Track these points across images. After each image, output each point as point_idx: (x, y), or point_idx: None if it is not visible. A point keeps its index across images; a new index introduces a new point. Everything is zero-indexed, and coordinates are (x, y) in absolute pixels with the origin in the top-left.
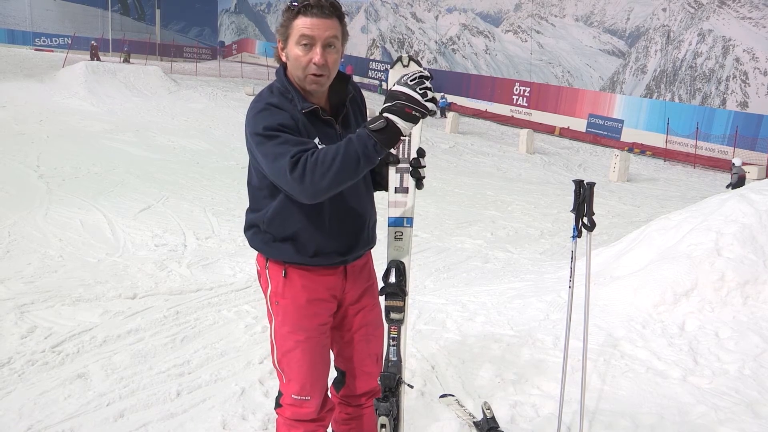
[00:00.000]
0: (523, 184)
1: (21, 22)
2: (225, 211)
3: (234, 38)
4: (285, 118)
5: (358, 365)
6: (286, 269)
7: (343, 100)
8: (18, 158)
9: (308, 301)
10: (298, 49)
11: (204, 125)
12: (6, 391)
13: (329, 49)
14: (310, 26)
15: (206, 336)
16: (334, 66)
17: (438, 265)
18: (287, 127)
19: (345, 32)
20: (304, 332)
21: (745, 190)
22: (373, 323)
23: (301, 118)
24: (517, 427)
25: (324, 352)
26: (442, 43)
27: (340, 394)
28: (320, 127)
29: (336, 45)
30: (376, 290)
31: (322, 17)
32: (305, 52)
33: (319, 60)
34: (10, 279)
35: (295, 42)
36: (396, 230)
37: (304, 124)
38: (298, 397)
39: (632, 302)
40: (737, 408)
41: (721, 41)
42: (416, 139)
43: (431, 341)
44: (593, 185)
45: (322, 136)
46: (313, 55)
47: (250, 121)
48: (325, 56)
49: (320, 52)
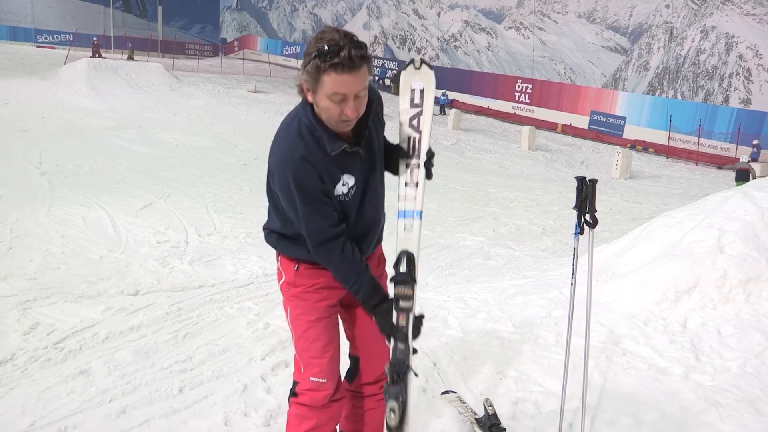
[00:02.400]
0: (525, 181)
1: (23, 19)
2: (227, 207)
3: (236, 35)
4: (313, 178)
5: (372, 349)
6: (298, 264)
7: (366, 121)
8: (20, 155)
9: (318, 288)
10: (329, 102)
11: (206, 122)
12: (9, 388)
13: (359, 97)
14: (343, 83)
15: (208, 333)
16: (362, 109)
17: (440, 261)
18: (315, 189)
19: (371, 71)
20: (316, 312)
21: (748, 188)
22: None
23: (328, 159)
24: (519, 423)
25: (336, 336)
26: (444, 39)
27: (353, 384)
28: (347, 160)
29: (365, 92)
30: (385, 280)
31: (354, 71)
32: (337, 105)
33: (352, 114)
34: (13, 276)
35: (327, 96)
36: (406, 222)
37: (331, 164)
38: (316, 379)
39: (634, 299)
40: (739, 405)
41: (725, 38)
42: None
43: (433, 338)
44: (595, 182)
45: (349, 167)
46: (345, 107)
47: (279, 164)
48: (356, 106)
49: (353, 106)
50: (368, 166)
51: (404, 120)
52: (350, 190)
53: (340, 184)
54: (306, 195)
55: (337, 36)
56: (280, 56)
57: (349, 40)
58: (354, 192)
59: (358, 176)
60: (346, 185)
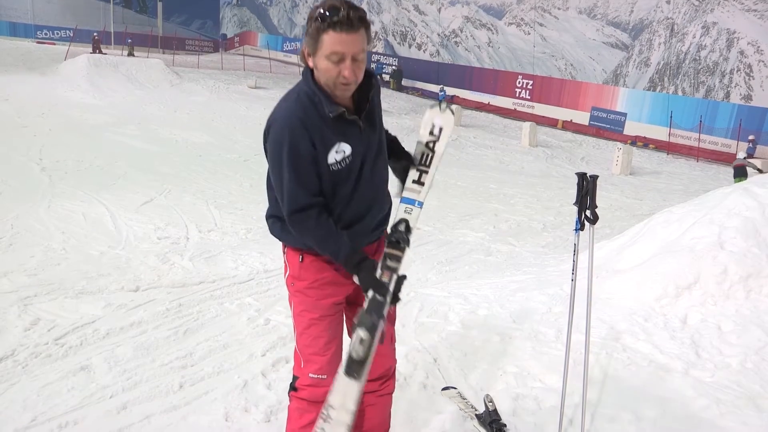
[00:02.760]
0: (525, 177)
1: (23, 15)
2: (227, 203)
3: (236, 31)
4: (305, 142)
5: None
6: (303, 255)
7: (367, 95)
8: (20, 151)
9: (323, 283)
10: (328, 63)
11: (206, 118)
12: (10, 383)
13: (357, 60)
14: (340, 42)
15: (209, 328)
16: (361, 73)
17: (440, 258)
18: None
19: (370, 37)
20: (319, 311)
21: (748, 184)
22: None
23: (325, 124)
24: (519, 419)
25: (338, 332)
26: (445, 35)
27: None
28: (345, 127)
29: (363, 56)
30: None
31: (352, 32)
32: (335, 65)
33: (349, 75)
34: (14, 272)
35: (325, 56)
36: (407, 207)
37: (327, 129)
38: (315, 376)
39: (635, 295)
40: (739, 401)
41: (726, 34)
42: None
43: (433, 334)
44: (596, 178)
45: (346, 135)
46: (343, 68)
47: (275, 126)
48: (353, 69)
49: (350, 66)
50: (367, 140)
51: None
52: (345, 159)
53: (333, 151)
54: (294, 158)
55: (337, 2)
56: (280, 52)
57: (348, 4)
58: (350, 163)
59: (356, 147)
60: (341, 153)
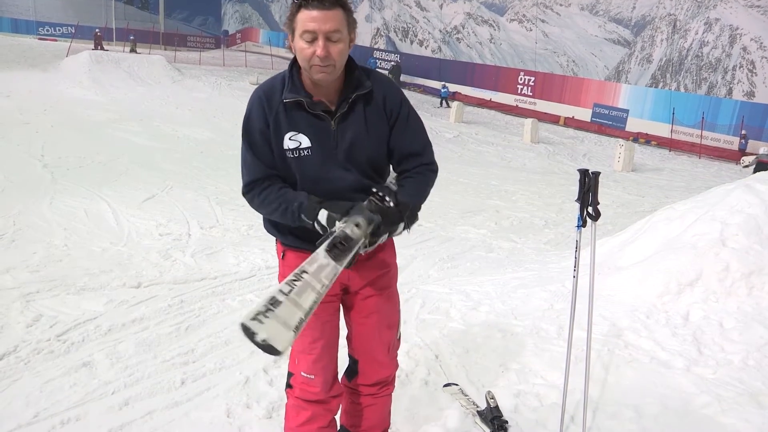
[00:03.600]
0: (527, 174)
1: (24, 12)
2: (229, 200)
3: (238, 27)
4: (259, 118)
5: (370, 354)
6: (285, 251)
7: (348, 96)
8: (22, 148)
9: None
10: (302, 43)
11: (208, 114)
12: (12, 379)
13: (332, 41)
14: (311, 20)
15: (210, 325)
16: (339, 56)
17: (442, 254)
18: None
19: (351, 20)
20: None
21: (751, 180)
22: (386, 312)
23: (283, 108)
24: (521, 416)
25: (326, 332)
26: (447, 32)
27: (352, 382)
28: (307, 119)
29: (340, 36)
30: (392, 279)
31: (323, 9)
32: (308, 45)
33: (320, 52)
34: (16, 268)
35: (299, 35)
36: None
37: (280, 115)
38: (305, 375)
39: (636, 292)
40: (741, 398)
41: (728, 30)
42: None
43: (435, 330)
44: (598, 175)
45: (307, 127)
46: (315, 47)
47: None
48: (327, 48)
49: (322, 44)
50: (337, 141)
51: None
52: (300, 150)
53: (287, 138)
54: (248, 133)
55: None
56: (282, 48)
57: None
58: (308, 156)
59: (319, 143)
60: (296, 142)
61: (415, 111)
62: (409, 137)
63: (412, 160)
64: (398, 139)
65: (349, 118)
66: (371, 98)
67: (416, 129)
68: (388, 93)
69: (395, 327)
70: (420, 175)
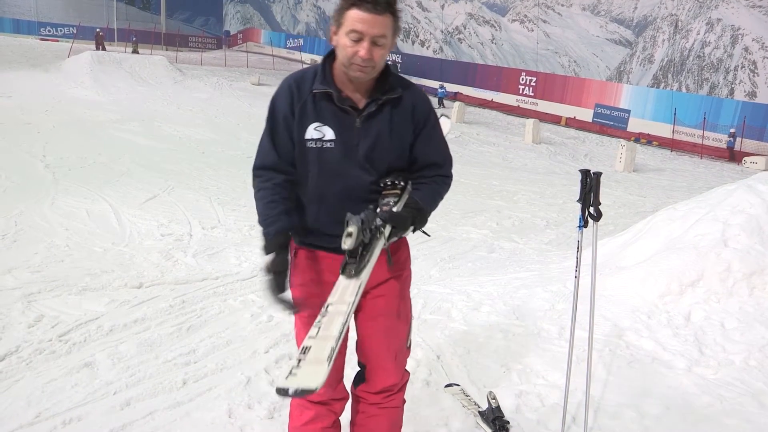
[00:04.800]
0: (529, 174)
1: (26, 12)
2: (230, 200)
3: (239, 28)
4: (285, 105)
5: (376, 360)
6: (297, 250)
7: (378, 98)
8: (24, 148)
9: (312, 281)
10: (347, 40)
11: (209, 115)
12: (14, 380)
13: (377, 45)
14: (361, 21)
15: (212, 325)
16: (380, 60)
17: (443, 254)
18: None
19: (397, 27)
20: (309, 308)
21: (753, 181)
22: (394, 314)
23: (311, 99)
24: (523, 416)
25: None
26: (448, 32)
27: (359, 389)
28: (333, 111)
29: (385, 41)
30: (405, 283)
31: (375, 13)
32: (353, 44)
33: (364, 54)
34: (17, 268)
35: (345, 33)
36: None
37: (312, 106)
38: None
39: (638, 292)
40: (743, 399)
41: (730, 30)
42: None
43: (436, 331)
44: (599, 175)
45: (332, 120)
46: (360, 48)
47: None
48: (371, 52)
49: (367, 47)
50: (359, 139)
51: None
52: (324, 143)
53: (312, 128)
54: (272, 118)
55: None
56: (283, 49)
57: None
58: (331, 148)
59: (342, 138)
60: (320, 133)
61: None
62: (433, 148)
63: (432, 170)
64: (422, 148)
65: (375, 119)
66: (400, 104)
67: (440, 141)
68: (418, 101)
69: (404, 333)
70: (435, 184)
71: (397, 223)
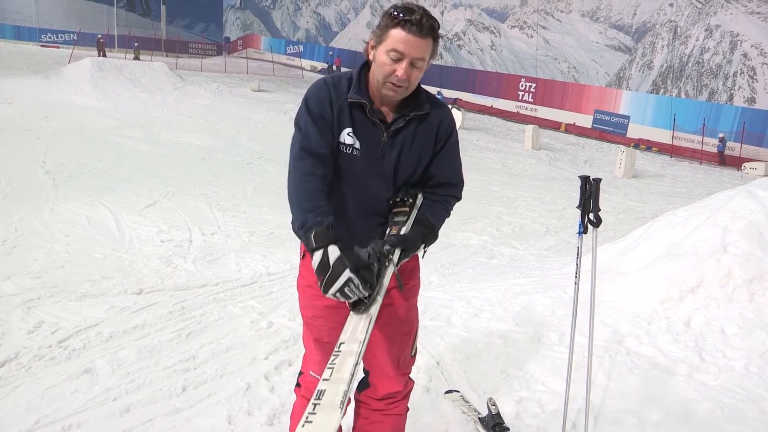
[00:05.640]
0: (528, 180)
1: (27, 19)
2: (230, 206)
3: (239, 34)
4: (325, 98)
5: (379, 366)
6: (306, 252)
7: (407, 114)
8: (24, 154)
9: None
10: (386, 58)
11: (209, 121)
12: (14, 386)
13: (415, 67)
14: (404, 42)
15: (212, 331)
16: (415, 81)
17: (443, 260)
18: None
19: (435, 50)
20: (312, 310)
21: (752, 187)
22: (399, 323)
23: (343, 105)
24: (523, 423)
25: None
26: (448, 38)
27: (362, 394)
28: (363, 122)
29: (422, 64)
30: (412, 291)
31: (419, 36)
32: (392, 63)
33: (401, 75)
34: (17, 274)
35: (386, 51)
36: None
37: (347, 112)
38: (313, 374)
39: (638, 299)
40: (743, 405)
41: (729, 36)
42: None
43: (436, 337)
44: (599, 181)
45: (362, 130)
46: (398, 68)
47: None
48: (408, 73)
49: (405, 68)
50: (383, 153)
51: None
52: (353, 150)
53: (346, 133)
54: (313, 111)
55: (415, 6)
56: (283, 55)
57: (425, 11)
58: (358, 156)
59: (367, 147)
60: (352, 139)
61: None
62: (450, 167)
63: (445, 189)
64: (440, 166)
65: (401, 134)
66: (426, 120)
67: (458, 162)
68: (444, 119)
69: (408, 342)
70: (447, 203)
71: (407, 246)
